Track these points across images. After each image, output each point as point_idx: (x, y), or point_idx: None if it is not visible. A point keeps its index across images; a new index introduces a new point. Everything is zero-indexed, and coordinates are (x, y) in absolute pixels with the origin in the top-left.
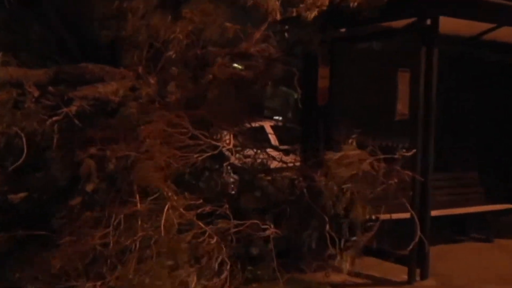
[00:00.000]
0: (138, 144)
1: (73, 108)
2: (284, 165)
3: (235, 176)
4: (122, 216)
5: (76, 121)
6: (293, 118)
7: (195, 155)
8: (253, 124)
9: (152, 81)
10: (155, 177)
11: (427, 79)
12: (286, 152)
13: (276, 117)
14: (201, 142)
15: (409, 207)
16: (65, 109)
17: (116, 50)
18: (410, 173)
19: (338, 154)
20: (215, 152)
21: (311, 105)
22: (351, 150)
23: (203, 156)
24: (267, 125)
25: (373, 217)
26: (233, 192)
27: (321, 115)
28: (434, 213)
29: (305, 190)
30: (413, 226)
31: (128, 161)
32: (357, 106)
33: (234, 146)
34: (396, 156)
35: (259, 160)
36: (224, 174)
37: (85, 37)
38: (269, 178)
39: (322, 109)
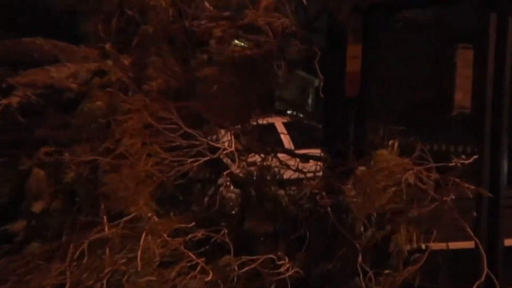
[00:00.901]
0: (109, 145)
1: (15, 99)
2: (302, 176)
3: (237, 191)
4: (84, 245)
5: (20, 117)
6: (313, 114)
7: (189, 160)
8: (261, 121)
9: (125, 62)
10: (131, 191)
11: (499, 59)
12: (304, 159)
13: (291, 112)
14: (196, 142)
15: (472, 234)
16: (4, 101)
17: (75, 20)
18: (473, 187)
19: (374, 162)
20: (214, 156)
21: (337, 96)
22: (391, 156)
23: (200, 162)
24: (279, 123)
25: (421, 246)
26: (234, 211)
27: (351, 110)
28: (508, 242)
29: (329, 209)
30: (478, 259)
31: (94, 169)
32: (399, 97)
33: (236, 150)
34: (453, 164)
35: (268, 169)
36: (222, 188)
37: (35, 5)
38: (281, 192)
39: (351, 102)
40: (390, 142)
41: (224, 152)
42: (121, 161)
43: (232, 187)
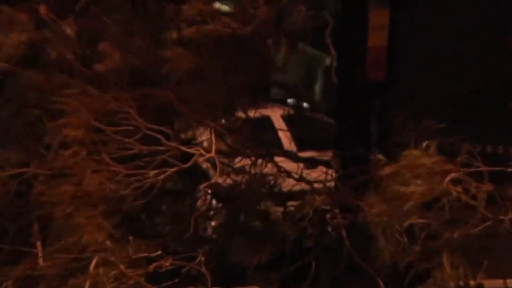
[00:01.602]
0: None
1: None
2: (307, 187)
3: (219, 206)
4: (9, 282)
5: None
6: (322, 104)
7: (151, 173)
8: (252, 114)
9: (68, 31)
10: (76, 213)
11: None
12: (311, 164)
13: (293, 102)
14: (161, 147)
15: None
16: None
17: None
18: None
19: (403, 167)
20: (186, 165)
21: (356, 80)
22: (426, 159)
23: (167, 174)
24: (277, 116)
25: (469, 282)
26: (215, 234)
27: (373, 99)
28: None
29: (343, 232)
30: None
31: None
32: (441, 81)
33: (219, 153)
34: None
35: (261, 178)
36: (199, 202)
37: None
38: (279, 209)
39: (375, 88)
40: (426, 143)
41: (201, 158)
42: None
43: (213, 202)
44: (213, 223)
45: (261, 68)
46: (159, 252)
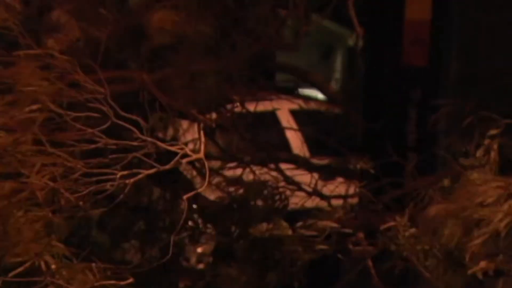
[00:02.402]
0: None
1: None
2: (323, 202)
3: (208, 226)
4: None
5: None
6: (344, 94)
7: (119, 173)
8: (252, 107)
9: None
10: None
11: None
12: (328, 173)
13: (305, 92)
14: (133, 142)
15: None
16: None
17: None
18: None
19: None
20: (165, 167)
21: (389, 64)
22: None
23: (136, 178)
24: (284, 110)
25: None
26: (201, 264)
27: (413, 89)
28: None
29: (370, 262)
30: None
31: None
32: (499, 67)
33: (207, 156)
34: None
35: (262, 190)
36: (181, 222)
37: None
38: (286, 231)
39: (415, 75)
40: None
41: (186, 160)
42: None
43: (199, 222)
44: (199, 249)
45: (265, 46)
46: (130, 281)
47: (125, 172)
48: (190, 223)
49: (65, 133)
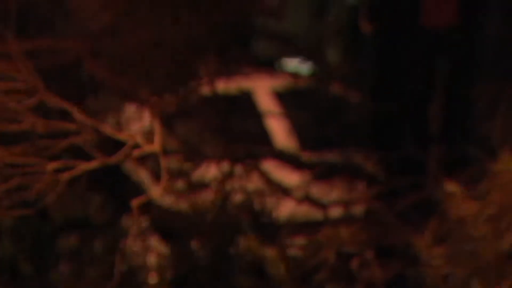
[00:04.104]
0: None
1: None
2: (317, 212)
3: (164, 246)
4: None
5: None
6: (344, 69)
7: (49, 165)
8: (222, 85)
9: None
10: None
11: None
12: (323, 173)
13: (293, 66)
14: (69, 125)
15: None
16: None
17: None
18: None
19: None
20: (112, 159)
21: (404, 26)
22: None
23: (71, 172)
24: (264, 89)
25: None
26: None
27: (434, 60)
28: None
29: None
30: None
31: None
32: None
33: (164, 149)
34: None
35: (238, 196)
36: (128, 239)
37: None
38: (270, 253)
39: (438, 40)
40: None
41: (137, 151)
42: None
43: (152, 241)
44: (151, 276)
45: (240, 7)
46: None
47: (56, 164)
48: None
49: None
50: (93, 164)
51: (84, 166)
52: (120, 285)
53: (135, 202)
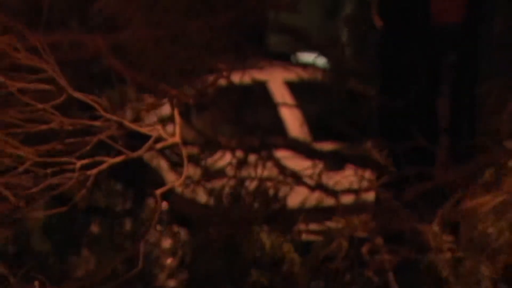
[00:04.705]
0: None
1: None
2: (330, 199)
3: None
4: None
5: None
6: (356, 61)
7: (78, 163)
8: (238, 78)
9: None
10: None
11: None
12: (335, 162)
13: (304, 57)
14: (94, 122)
15: None
16: None
17: None
18: None
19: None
20: (138, 153)
21: (414, 22)
22: None
23: (100, 168)
24: (278, 82)
25: None
26: (172, 280)
27: (444, 53)
28: None
29: (391, 276)
30: None
31: None
32: None
33: (184, 141)
34: None
35: (253, 184)
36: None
37: None
38: (281, 240)
39: (446, 35)
40: None
41: (160, 144)
42: None
43: (172, 229)
44: (169, 261)
45: (255, 3)
46: None
47: (85, 161)
48: (159, 227)
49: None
50: (119, 159)
51: (111, 161)
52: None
53: (157, 192)
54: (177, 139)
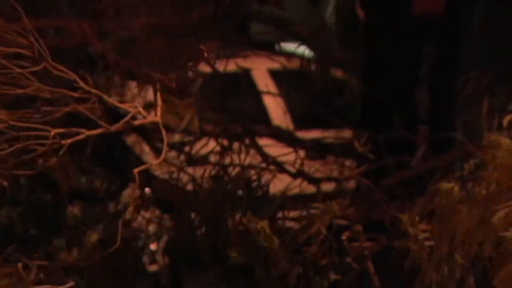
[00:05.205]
0: None
1: None
2: (311, 187)
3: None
4: None
5: None
6: (338, 50)
7: (53, 131)
8: (222, 66)
9: None
10: None
11: None
12: (317, 150)
13: (288, 46)
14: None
15: None
16: None
17: None
18: None
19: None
20: (116, 126)
21: (395, 13)
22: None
23: (76, 138)
24: (261, 71)
25: None
26: (154, 265)
27: (424, 44)
28: None
29: (370, 264)
30: None
31: None
32: None
33: (165, 127)
34: None
35: (235, 171)
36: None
37: None
38: (263, 225)
39: (427, 29)
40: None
41: (139, 121)
42: None
43: (155, 213)
44: (152, 246)
45: None
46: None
47: (60, 130)
48: (140, 212)
49: None
50: (96, 132)
51: (87, 133)
52: (120, 252)
53: (135, 171)
54: (157, 118)
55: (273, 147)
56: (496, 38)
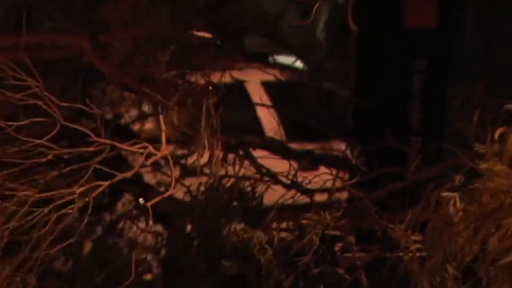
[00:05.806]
0: None
1: None
2: (304, 197)
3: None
4: None
5: None
6: (331, 63)
7: (77, 190)
8: (216, 78)
9: None
10: None
11: None
12: (310, 161)
13: (281, 59)
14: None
15: None
16: None
17: None
18: None
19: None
20: (130, 173)
21: (387, 25)
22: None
23: (97, 192)
24: (255, 83)
25: None
26: (148, 274)
27: (416, 57)
28: None
29: (363, 275)
30: None
31: None
32: None
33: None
34: None
35: (229, 183)
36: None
37: None
38: (259, 236)
39: (419, 39)
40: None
41: (150, 160)
42: None
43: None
44: (147, 256)
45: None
46: None
47: (83, 188)
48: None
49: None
50: (116, 179)
51: (107, 184)
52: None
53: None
54: (165, 152)
55: (266, 159)
56: (488, 49)
